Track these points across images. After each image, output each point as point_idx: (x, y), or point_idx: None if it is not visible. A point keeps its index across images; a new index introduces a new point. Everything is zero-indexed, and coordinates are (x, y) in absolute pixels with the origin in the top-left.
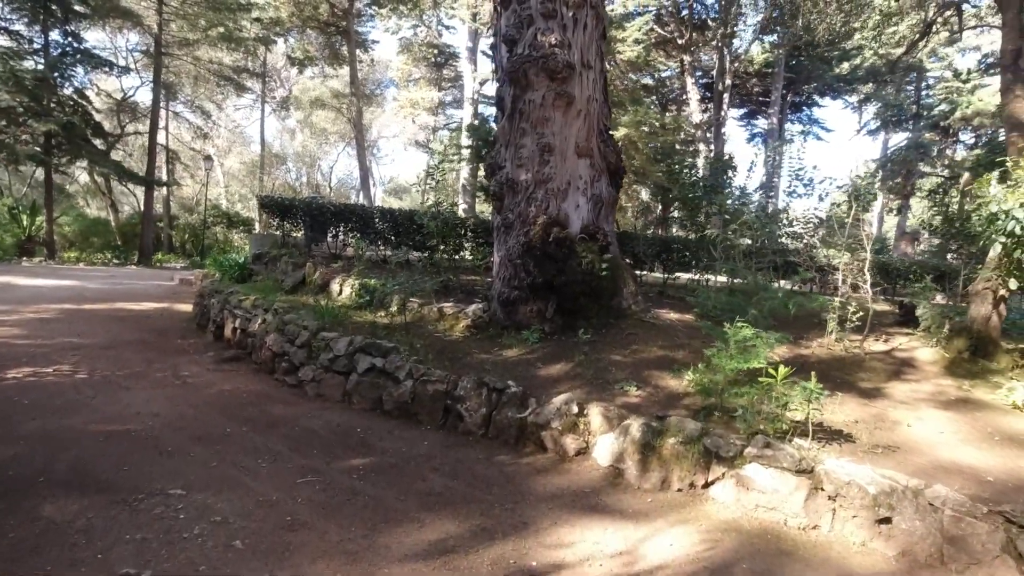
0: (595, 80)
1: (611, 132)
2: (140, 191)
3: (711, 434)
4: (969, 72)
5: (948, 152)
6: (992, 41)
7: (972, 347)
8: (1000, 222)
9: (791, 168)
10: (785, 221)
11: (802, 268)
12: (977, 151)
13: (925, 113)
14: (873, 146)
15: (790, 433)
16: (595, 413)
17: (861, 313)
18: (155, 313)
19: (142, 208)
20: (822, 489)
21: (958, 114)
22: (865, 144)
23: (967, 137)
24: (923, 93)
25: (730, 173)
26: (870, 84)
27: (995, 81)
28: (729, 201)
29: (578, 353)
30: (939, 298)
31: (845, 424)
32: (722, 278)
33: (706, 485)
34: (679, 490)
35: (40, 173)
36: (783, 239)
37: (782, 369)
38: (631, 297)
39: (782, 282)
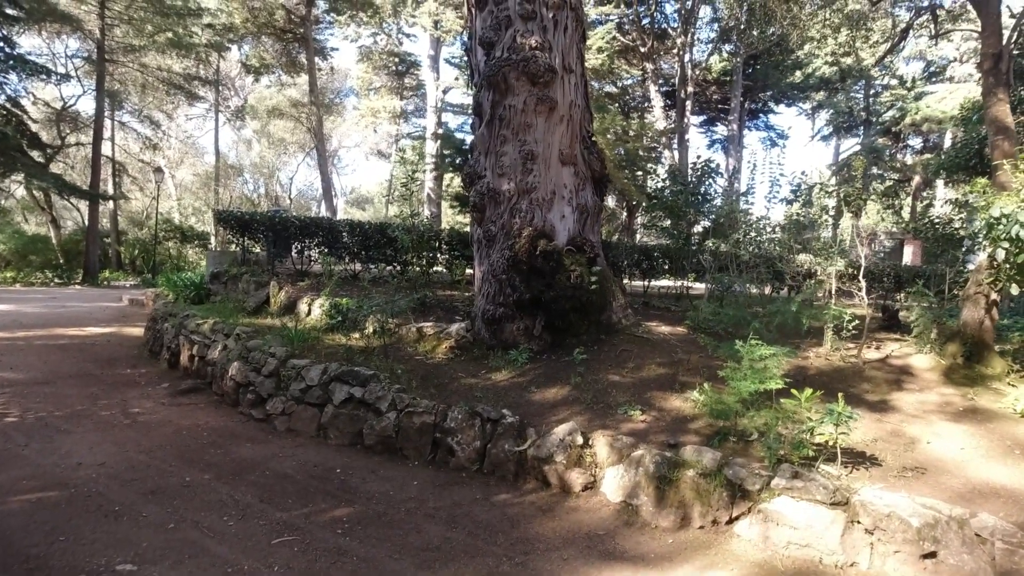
0: (577, 84)
1: (594, 138)
2: (84, 205)
3: (732, 464)
4: (914, 80)
5: (899, 156)
6: (934, 49)
7: (967, 352)
8: (1002, 227)
9: (772, 174)
10: (769, 228)
11: (788, 275)
12: (928, 155)
13: (875, 119)
14: (826, 151)
15: (816, 459)
16: (601, 443)
17: (856, 322)
18: (101, 339)
19: (86, 223)
20: (859, 522)
21: (908, 120)
22: (819, 149)
23: (916, 142)
24: (871, 100)
25: (716, 180)
26: (822, 92)
27: (939, 88)
28: (715, 208)
29: (573, 374)
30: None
31: (865, 444)
32: (700, 285)
33: (730, 521)
34: (701, 528)
35: None
36: (770, 245)
37: (806, 391)
38: (621, 311)
39: (767, 289)
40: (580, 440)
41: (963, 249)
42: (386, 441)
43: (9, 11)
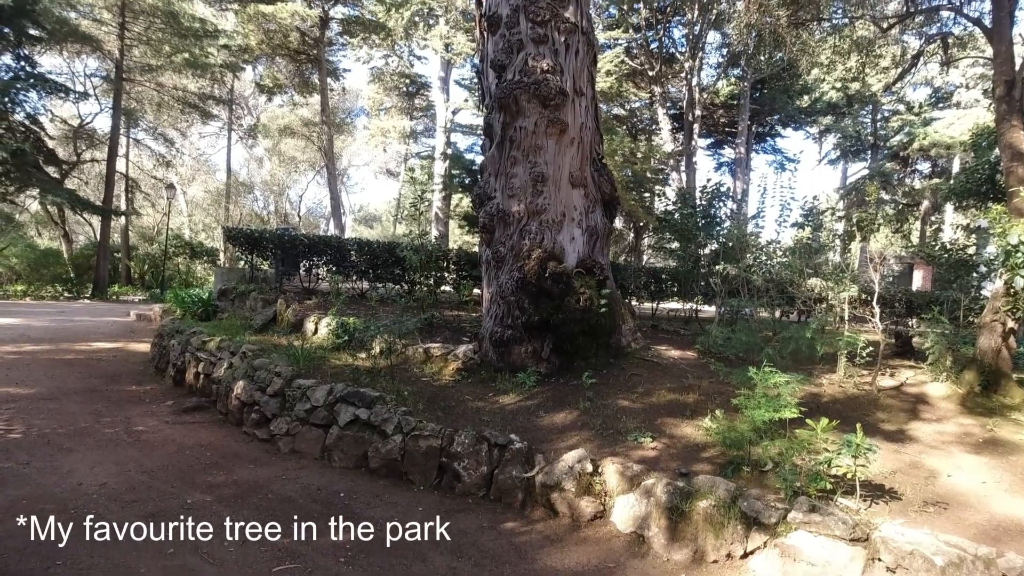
0: (587, 107)
1: (604, 160)
2: (97, 220)
3: (746, 495)
4: (921, 106)
5: (908, 180)
6: (941, 77)
7: (985, 381)
8: (1020, 254)
9: (783, 198)
10: (780, 252)
11: (799, 300)
12: (936, 180)
13: (882, 144)
14: (834, 175)
15: (834, 492)
16: (611, 471)
17: (870, 348)
18: (107, 355)
19: (98, 238)
20: (880, 559)
21: (916, 145)
22: (827, 173)
23: (924, 166)
24: (879, 125)
25: (725, 203)
26: (829, 116)
27: (946, 114)
28: (726, 231)
29: (582, 399)
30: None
31: (884, 476)
32: (709, 308)
33: (745, 555)
34: (715, 562)
35: None
36: (780, 269)
37: (822, 421)
38: (630, 334)
39: (777, 313)
40: (590, 468)
41: (975, 275)
42: (391, 465)
43: (32, 31)
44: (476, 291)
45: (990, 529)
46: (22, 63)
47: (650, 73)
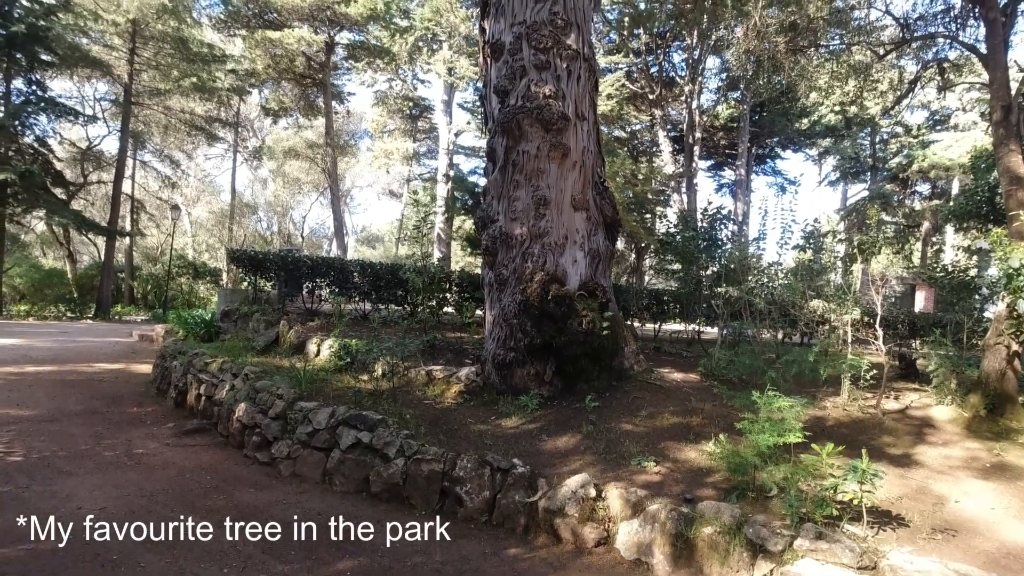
0: (589, 131)
1: (605, 183)
2: (102, 240)
3: (752, 522)
4: (919, 128)
5: (907, 201)
6: (939, 101)
7: (990, 404)
8: (1022, 277)
9: (784, 221)
10: (781, 274)
11: (802, 322)
12: (936, 201)
13: (881, 166)
14: (834, 196)
15: (841, 518)
16: (615, 496)
17: (875, 371)
18: (109, 376)
19: (102, 258)
20: None
21: (915, 167)
22: (827, 194)
23: (924, 188)
24: (877, 147)
25: (727, 226)
26: (828, 139)
27: (945, 136)
28: (728, 254)
29: (584, 422)
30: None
31: (890, 502)
32: (711, 329)
33: None
34: None
35: None
36: (783, 292)
37: (828, 446)
38: (633, 356)
39: (780, 335)
40: (593, 493)
41: (977, 297)
42: (393, 489)
43: (45, 57)
44: (479, 312)
45: (1000, 557)
46: (34, 87)
47: (650, 96)
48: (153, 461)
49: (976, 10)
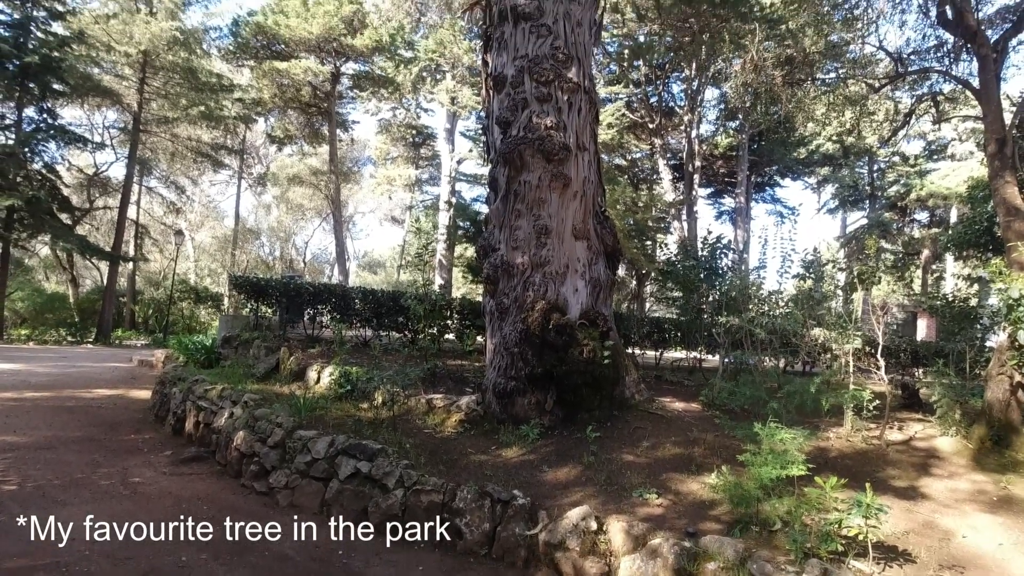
0: (590, 162)
1: (606, 213)
2: (104, 265)
3: (756, 557)
4: (916, 158)
5: (906, 230)
6: (934, 132)
7: (995, 436)
8: (1023, 308)
9: (783, 250)
10: (782, 303)
11: (803, 351)
12: (935, 230)
13: (880, 194)
14: (833, 223)
15: (846, 553)
16: (616, 529)
17: (877, 401)
18: (107, 402)
19: (105, 283)
20: None
21: (913, 195)
22: (826, 221)
23: (922, 216)
24: (875, 176)
25: (727, 255)
26: (826, 167)
27: (942, 165)
28: (728, 282)
29: (585, 453)
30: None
31: (896, 537)
32: (712, 357)
33: None
34: None
35: None
36: (783, 321)
37: (832, 479)
38: (634, 385)
39: (782, 363)
40: (594, 525)
41: (979, 327)
42: (392, 520)
43: (56, 86)
44: (480, 340)
45: None
46: (44, 115)
47: (650, 126)
48: (149, 490)
49: (968, 46)
